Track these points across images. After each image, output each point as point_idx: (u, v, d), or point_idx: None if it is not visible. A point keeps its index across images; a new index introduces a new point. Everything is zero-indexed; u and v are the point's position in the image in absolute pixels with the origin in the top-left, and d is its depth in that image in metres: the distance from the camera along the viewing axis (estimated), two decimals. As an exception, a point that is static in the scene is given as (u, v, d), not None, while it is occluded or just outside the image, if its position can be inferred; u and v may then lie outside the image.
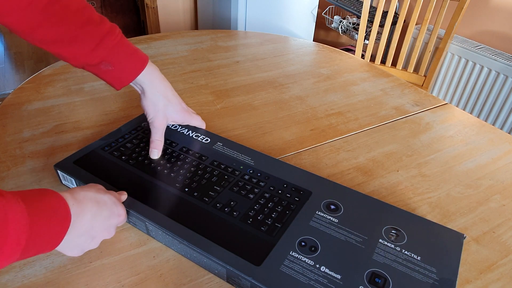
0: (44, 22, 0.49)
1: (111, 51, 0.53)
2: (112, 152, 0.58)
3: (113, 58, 0.54)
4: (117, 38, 0.54)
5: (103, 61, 0.54)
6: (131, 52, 0.56)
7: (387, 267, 0.43)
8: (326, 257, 0.43)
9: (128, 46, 0.56)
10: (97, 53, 0.53)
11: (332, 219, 0.48)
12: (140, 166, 0.56)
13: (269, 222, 0.48)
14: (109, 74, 0.55)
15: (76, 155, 0.57)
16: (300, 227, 0.47)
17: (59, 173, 0.56)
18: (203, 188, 0.52)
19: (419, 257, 0.44)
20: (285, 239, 0.45)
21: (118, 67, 0.55)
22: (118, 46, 0.54)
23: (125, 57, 0.55)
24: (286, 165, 0.57)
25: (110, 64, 0.54)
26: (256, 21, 1.79)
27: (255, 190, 0.52)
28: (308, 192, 0.52)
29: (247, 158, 0.58)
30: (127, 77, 0.56)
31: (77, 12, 0.51)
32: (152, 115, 0.59)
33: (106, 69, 0.55)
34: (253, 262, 0.43)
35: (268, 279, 0.41)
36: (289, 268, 0.42)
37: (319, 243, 0.45)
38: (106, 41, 0.53)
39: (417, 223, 0.49)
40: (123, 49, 0.55)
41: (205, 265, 0.45)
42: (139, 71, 0.56)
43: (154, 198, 0.50)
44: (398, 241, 0.46)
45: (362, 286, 0.41)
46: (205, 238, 0.45)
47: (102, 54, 0.53)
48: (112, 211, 0.44)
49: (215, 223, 0.47)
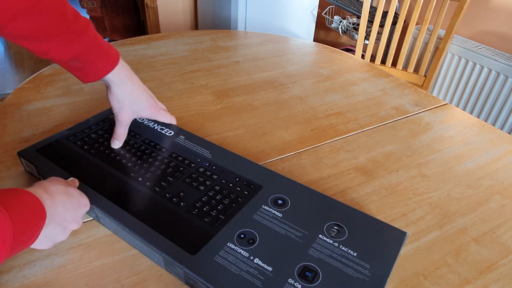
0: (19, 16, 0.47)
1: (83, 49, 0.53)
2: (76, 142, 0.60)
3: (84, 57, 0.53)
4: (90, 36, 0.53)
5: (73, 58, 0.53)
6: (103, 50, 0.55)
7: (321, 261, 0.44)
8: (262, 250, 0.44)
9: (100, 44, 0.55)
10: (68, 50, 0.52)
11: (277, 213, 0.49)
12: (100, 156, 0.57)
13: (213, 213, 0.49)
14: (76, 69, 0.55)
15: (40, 143, 0.59)
16: (243, 220, 0.48)
17: (22, 160, 0.57)
18: (156, 179, 0.54)
19: (355, 253, 0.45)
20: (226, 230, 0.47)
21: (88, 65, 0.54)
22: (91, 44, 0.53)
23: (96, 56, 0.54)
24: (243, 160, 0.59)
25: (80, 61, 0.53)
26: (256, 21, 1.79)
27: (207, 183, 0.54)
28: (258, 186, 0.54)
29: (205, 152, 0.60)
30: (94, 75, 0.56)
31: (52, 7, 0.50)
32: (117, 109, 0.60)
33: (75, 65, 0.54)
34: (188, 251, 0.44)
35: (200, 268, 0.42)
36: (223, 259, 0.43)
37: (258, 236, 0.46)
38: (79, 39, 0.52)
39: (362, 220, 0.50)
40: (95, 48, 0.54)
41: (146, 252, 0.47)
42: (108, 70, 0.56)
43: (107, 187, 0.52)
44: (338, 237, 0.47)
45: (291, 279, 0.41)
46: (145, 225, 0.46)
47: (74, 52, 0.52)
48: (80, 201, 0.46)
49: (161, 212, 0.49)
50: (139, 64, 0.96)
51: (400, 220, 0.55)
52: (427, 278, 0.47)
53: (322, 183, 0.61)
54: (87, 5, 2.36)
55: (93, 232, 0.50)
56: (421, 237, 0.52)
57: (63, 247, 0.48)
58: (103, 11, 2.40)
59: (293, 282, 0.41)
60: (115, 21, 2.44)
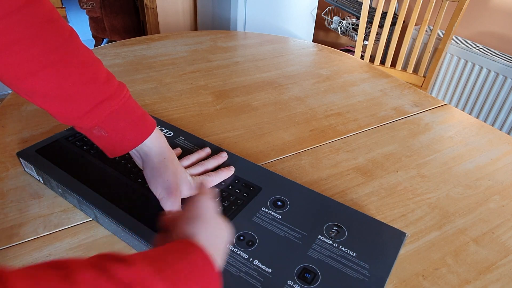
0: (41, 72, 0.40)
1: (109, 116, 0.44)
2: (75, 142, 0.60)
3: (109, 125, 0.45)
4: (121, 101, 0.45)
5: (97, 126, 0.44)
6: (136, 118, 0.46)
7: (320, 262, 0.44)
8: (261, 252, 0.44)
9: (133, 111, 0.46)
10: (92, 116, 0.43)
11: (276, 215, 0.50)
12: (99, 156, 0.57)
13: None
14: (101, 140, 0.46)
15: (39, 144, 0.59)
16: (243, 222, 0.48)
17: (22, 161, 0.57)
18: None
19: (354, 254, 0.45)
20: None
21: (113, 134, 0.45)
22: (120, 111, 0.45)
23: (125, 125, 0.45)
24: (243, 160, 0.59)
25: (104, 130, 0.45)
26: (256, 21, 1.79)
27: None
28: (258, 188, 0.54)
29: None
30: (121, 148, 0.47)
31: (81, 65, 0.43)
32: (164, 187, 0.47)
33: (99, 134, 0.45)
34: None
35: None
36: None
37: (257, 238, 0.46)
38: (107, 104, 0.44)
39: (361, 220, 0.50)
40: (126, 115, 0.45)
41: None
42: (139, 141, 0.46)
43: (107, 187, 0.52)
44: (338, 237, 0.47)
45: (291, 281, 0.41)
46: (145, 226, 0.46)
47: (98, 119, 0.44)
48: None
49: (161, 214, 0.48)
50: (139, 64, 0.96)
51: (399, 221, 0.55)
52: (427, 278, 0.47)
53: (322, 184, 0.61)
54: (86, 6, 2.36)
55: (93, 232, 0.50)
56: (421, 237, 0.52)
57: (62, 248, 0.48)
58: (102, 12, 2.40)
59: (292, 283, 0.41)
60: (115, 22, 2.44)
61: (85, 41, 2.88)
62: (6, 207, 0.53)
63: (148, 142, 0.47)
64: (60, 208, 0.53)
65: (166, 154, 0.48)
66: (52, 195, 0.55)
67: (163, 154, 0.48)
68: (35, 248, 0.47)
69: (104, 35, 2.50)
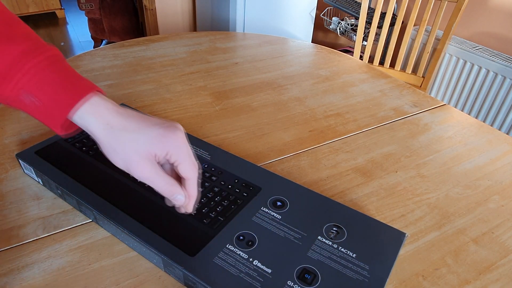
0: None
1: (34, 76, 0.36)
2: (74, 143, 0.60)
3: (36, 86, 0.37)
4: (45, 55, 0.37)
5: (22, 89, 0.36)
6: (67, 79, 0.38)
7: (320, 263, 0.44)
8: (261, 252, 0.44)
9: (62, 72, 0.38)
10: (11, 74, 0.36)
11: (276, 215, 0.49)
12: (98, 157, 0.57)
13: (212, 215, 0.49)
14: (36, 111, 0.38)
15: (39, 145, 0.59)
16: (242, 221, 0.48)
17: (21, 162, 0.57)
18: None
19: (354, 255, 0.45)
20: (225, 232, 0.47)
21: (45, 99, 0.37)
22: (46, 69, 0.37)
23: (55, 86, 0.37)
24: (242, 161, 0.59)
25: (33, 95, 0.37)
26: (255, 22, 1.79)
27: (206, 184, 0.53)
28: (257, 188, 0.54)
29: (204, 153, 0.60)
30: (59, 112, 0.37)
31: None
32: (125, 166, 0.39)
33: (31, 102, 0.37)
34: (187, 253, 0.44)
35: (199, 269, 0.42)
36: (222, 260, 0.43)
37: (257, 238, 0.46)
38: (26, 60, 0.36)
39: (361, 221, 0.50)
40: (53, 75, 0.37)
41: (145, 254, 0.47)
42: (70, 106, 0.37)
43: (106, 188, 0.52)
44: (338, 238, 0.47)
45: (291, 281, 0.41)
46: (144, 227, 0.46)
47: (18, 78, 0.36)
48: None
49: (160, 214, 0.49)
50: (138, 65, 0.96)
51: (399, 221, 0.55)
52: (427, 278, 0.47)
53: (321, 184, 0.61)
54: (85, 7, 2.37)
55: (92, 234, 0.50)
56: (420, 237, 0.52)
57: (61, 249, 0.48)
58: (101, 13, 2.40)
59: (292, 284, 0.41)
60: (114, 23, 2.44)
61: (84, 42, 2.88)
62: (5, 208, 0.53)
63: (84, 110, 0.37)
64: (60, 209, 0.53)
65: (110, 120, 0.38)
66: (51, 197, 0.55)
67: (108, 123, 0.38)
68: (35, 250, 0.47)
69: (103, 36, 2.50)
